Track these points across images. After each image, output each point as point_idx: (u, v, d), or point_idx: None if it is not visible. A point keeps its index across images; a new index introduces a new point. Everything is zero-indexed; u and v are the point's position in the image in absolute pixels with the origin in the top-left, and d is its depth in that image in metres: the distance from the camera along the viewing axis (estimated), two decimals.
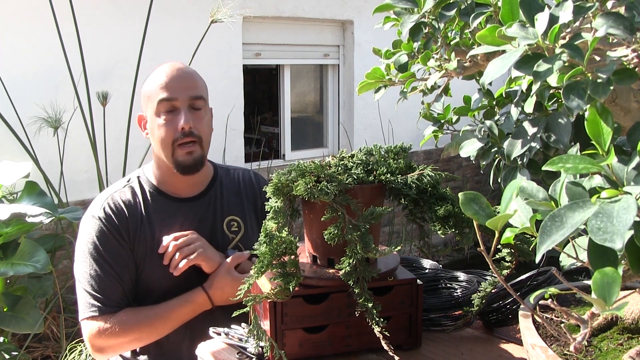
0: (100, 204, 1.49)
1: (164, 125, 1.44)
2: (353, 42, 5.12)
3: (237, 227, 1.57)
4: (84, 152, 3.45)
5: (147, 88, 1.48)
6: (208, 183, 1.59)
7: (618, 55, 0.65)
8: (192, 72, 1.50)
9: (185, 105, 1.44)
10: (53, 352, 3.12)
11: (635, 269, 0.61)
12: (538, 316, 0.79)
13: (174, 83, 1.44)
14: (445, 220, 1.09)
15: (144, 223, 1.48)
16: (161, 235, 1.48)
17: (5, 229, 2.26)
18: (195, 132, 1.45)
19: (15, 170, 2.55)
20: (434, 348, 1.16)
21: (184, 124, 1.42)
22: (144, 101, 1.50)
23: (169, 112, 1.44)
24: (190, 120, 1.43)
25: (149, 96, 1.47)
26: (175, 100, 1.44)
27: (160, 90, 1.44)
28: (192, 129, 1.44)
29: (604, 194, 0.57)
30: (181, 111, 1.44)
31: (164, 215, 1.51)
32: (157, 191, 1.53)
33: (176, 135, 1.43)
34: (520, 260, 1.08)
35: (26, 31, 3.42)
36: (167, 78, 1.45)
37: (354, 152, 1.15)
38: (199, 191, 1.57)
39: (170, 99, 1.43)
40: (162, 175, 1.54)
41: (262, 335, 1.03)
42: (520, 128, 0.83)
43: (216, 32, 3.24)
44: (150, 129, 1.49)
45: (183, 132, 1.43)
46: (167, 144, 1.45)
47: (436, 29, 0.88)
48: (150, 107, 1.46)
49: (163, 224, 1.50)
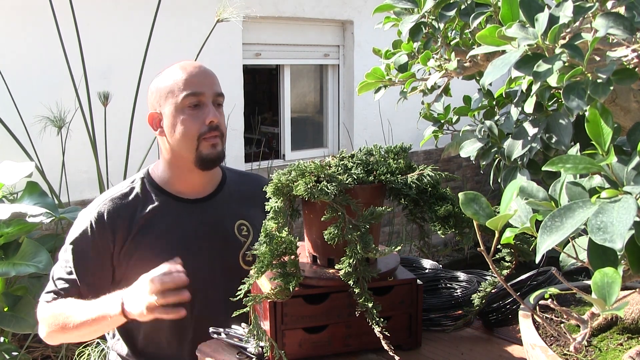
0: (97, 206, 1.47)
1: (189, 120, 1.44)
2: (353, 42, 5.12)
3: (246, 232, 1.55)
4: (84, 152, 3.45)
5: (166, 84, 1.47)
6: (217, 185, 1.58)
7: (618, 55, 0.66)
8: (212, 71, 1.52)
9: (211, 100, 1.46)
10: (53, 352, 3.13)
11: (635, 269, 0.61)
12: (538, 316, 0.79)
13: (199, 78, 1.45)
14: (445, 220, 1.09)
15: (146, 226, 1.46)
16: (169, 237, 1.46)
17: (6, 229, 2.26)
18: (220, 127, 1.46)
19: (17, 170, 2.55)
20: (434, 348, 1.16)
21: (212, 117, 1.43)
22: (160, 98, 1.48)
23: (194, 106, 1.44)
24: (217, 115, 1.45)
25: (169, 92, 1.46)
26: (201, 95, 1.44)
27: (185, 85, 1.44)
28: (218, 123, 1.45)
29: (604, 194, 0.57)
30: (208, 106, 1.45)
31: (172, 217, 1.48)
32: (163, 192, 1.51)
33: (202, 129, 1.43)
34: (520, 260, 1.08)
35: (26, 31, 3.42)
36: (191, 74, 1.45)
37: (354, 152, 1.15)
38: (208, 192, 1.55)
39: (197, 94, 1.44)
40: (172, 174, 1.51)
41: (262, 335, 1.03)
42: (520, 128, 0.83)
43: (216, 32, 3.24)
44: (168, 125, 1.47)
45: (210, 125, 1.44)
46: (192, 138, 1.44)
47: (436, 29, 0.88)
48: (171, 102, 1.45)
49: (172, 226, 1.47)
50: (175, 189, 1.52)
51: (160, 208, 1.49)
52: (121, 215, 1.46)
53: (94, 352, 2.61)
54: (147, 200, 1.49)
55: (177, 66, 1.48)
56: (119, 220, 1.45)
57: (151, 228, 1.46)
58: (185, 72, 1.46)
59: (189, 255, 1.46)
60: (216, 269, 1.49)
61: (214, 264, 1.49)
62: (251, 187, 1.63)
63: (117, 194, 1.49)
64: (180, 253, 1.45)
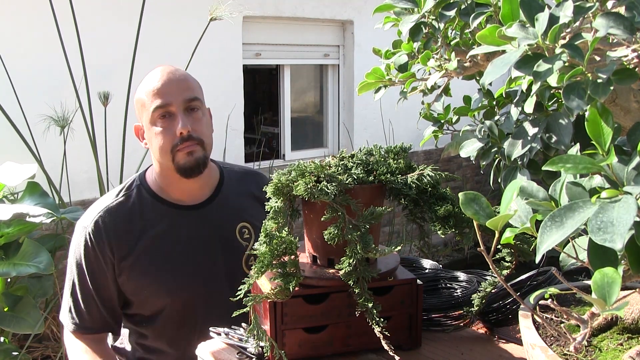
0: (93, 217, 1.44)
1: (161, 133, 1.39)
2: (353, 42, 5.12)
3: (248, 234, 1.52)
4: (84, 152, 3.45)
5: (140, 96, 1.43)
6: (215, 187, 1.54)
7: (618, 55, 0.65)
8: (184, 74, 1.45)
9: (181, 109, 1.39)
10: (53, 352, 3.13)
11: (635, 269, 0.61)
12: (538, 316, 0.79)
13: (166, 88, 1.39)
14: (445, 220, 1.09)
15: (143, 236, 1.43)
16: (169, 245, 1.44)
17: (6, 229, 2.26)
18: (195, 135, 1.40)
19: (19, 171, 2.55)
20: (434, 348, 1.16)
21: (182, 128, 1.37)
22: (139, 110, 1.45)
23: (164, 118, 1.39)
24: (187, 124, 1.38)
25: (142, 104, 1.42)
26: (169, 105, 1.38)
27: (153, 97, 1.39)
28: (191, 132, 1.39)
29: (604, 194, 0.57)
30: (177, 116, 1.38)
31: (171, 224, 1.46)
32: (160, 200, 1.48)
33: (175, 142, 1.38)
34: (520, 260, 1.08)
35: (27, 32, 3.42)
36: (159, 84, 1.40)
37: (354, 152, 1.15)
38: (205, 197, 1.51)
39: (164, 105, 1.38)
40: (164, 182, 1.48)
41: (262, 335, 1.03)
42: (520, 128, 0.83)
43: (216, 32, 3.24)
44: (148, 138, 1.44)
45: (182, 137, 1.38)
46: (166, 151, 1.40)
47: (436, 29, 0.88)
48: (145, 115, 1.42)
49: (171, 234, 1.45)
50: (171, 196, 1.49)
51: (158, 216, 1.46)
52: (119, 226, 1.43)
53: None
54: (144, 208, 1.46)
55: (152, 74, 1.44)
56: (117, 231, 1.43)
57: (150, 237, 1.44)
58: (153, 82, 1.41)
59: (190, 263, 1.45)
60: (218, 274, 1.47)
61: (215, 270, 1.47)
62: (251, 184, 1.60)
63: (113, 204, 1.46)
64: (181, 261, 1.45)
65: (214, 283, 1.46)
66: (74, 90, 3.05)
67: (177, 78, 1.42)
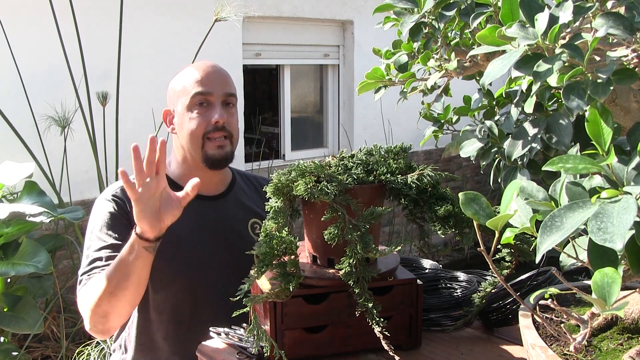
0: (114, 189, 1.49)
1: (196, 118, 1.46)
2: (353, 42, 5.12)
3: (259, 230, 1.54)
4: (84, 152, 3.45)
5: (180, 83, 1.50)
6: (228, 184, 1.60)
7: (618, 55, 0.66)
8: (226, 71, 1.55)
9: (219, 100, 1.48)
10: (53, 352, 3.13)
11: (635, 269, 0.61)
12: (538, 316, 0.79)
13: (210, 78, 1.48)
14: (445, 220, 1.09)
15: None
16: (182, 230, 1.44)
17: (5, 229, 2.26)
18: (228, 128, 1.47)
19: (18, 170, 2.55)
20: (434, 348, 1.16)
21: (219, 117, 1.45)
22: (174, 96, 1.52)
23: (202, 106, 1.47)
24: (224, 115, 1.46)
25: (181, 90, 1.49)
26: (210, 94, 1.47)
27: (196, 84, 1.47)
28: (225, 124, 1.47)
29: (604, 194, 0.57)
30: (215, 106, 1.47)
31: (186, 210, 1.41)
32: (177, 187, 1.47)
33: (208, 128, 1.45)
34: (520, 260, 1.08)
35: (27, 32, 3.42)
36: (203, 73, 1.48)
37: (354, 152, 1.15)
38: (220, 191, 1.57)
39: (205, 93, 1.46)
40: (185, 171, 1.53)
41: (262, 335, 1.03)
42: (520, 128, 0.83)
43: (216, 32, 3.23)
44: (178, 123, 1.50)
45: (216, 125, 1.45)
46: (197, 136, 1.46)
47: (436, 29, 0.88)
48: (182, 101, 1.48)
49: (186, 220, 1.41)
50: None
51: None
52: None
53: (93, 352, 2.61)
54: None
55: (194, 65, 1.52)
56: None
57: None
58: (197, 72, 1.49)
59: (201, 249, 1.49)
60: (229, 265, 1.49)
61: (226, 260, 1.50)
62: (259, 186, 1.66)
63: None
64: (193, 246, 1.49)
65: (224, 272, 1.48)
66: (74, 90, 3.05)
67: (220, 72, 1.53)
